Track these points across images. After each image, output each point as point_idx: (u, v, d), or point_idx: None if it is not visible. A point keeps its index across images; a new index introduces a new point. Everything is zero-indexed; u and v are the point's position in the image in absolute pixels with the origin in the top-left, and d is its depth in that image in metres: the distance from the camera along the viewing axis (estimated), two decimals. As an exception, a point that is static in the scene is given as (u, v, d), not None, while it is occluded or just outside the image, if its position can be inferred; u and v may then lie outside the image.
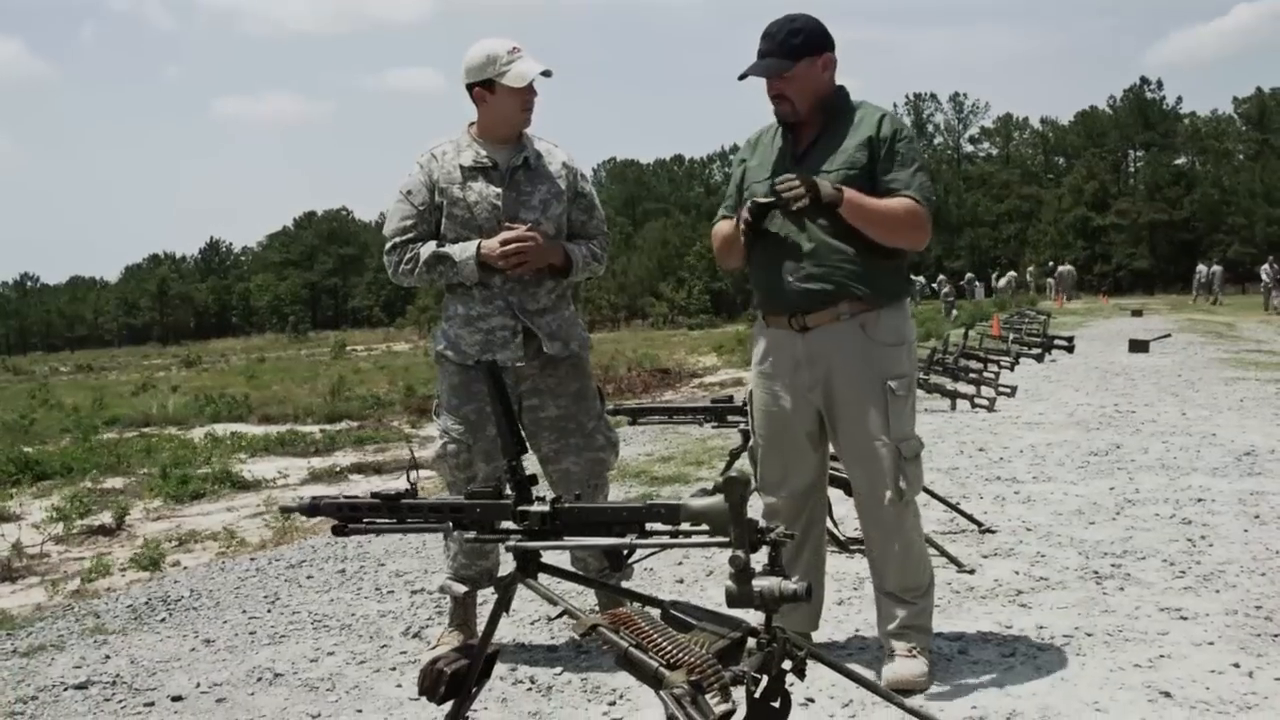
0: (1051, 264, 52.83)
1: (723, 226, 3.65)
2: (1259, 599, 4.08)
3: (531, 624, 4.13)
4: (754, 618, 2.50)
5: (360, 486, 8.12)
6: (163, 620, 4.48)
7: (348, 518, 2.94)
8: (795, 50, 3.35)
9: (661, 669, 2.42)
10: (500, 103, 3.73)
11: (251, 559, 5.57)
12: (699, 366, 19.45)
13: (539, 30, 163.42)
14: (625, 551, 2.77)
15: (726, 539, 2.50)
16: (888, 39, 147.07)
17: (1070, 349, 15.97)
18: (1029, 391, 11.63)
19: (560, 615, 2.88)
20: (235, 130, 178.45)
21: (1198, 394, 10.85)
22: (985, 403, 10.34)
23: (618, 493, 6.80)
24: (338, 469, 9.05)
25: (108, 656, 4.01)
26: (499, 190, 3.74)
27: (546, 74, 3.73)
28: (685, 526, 2.62)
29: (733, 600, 2.46)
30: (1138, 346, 16.60)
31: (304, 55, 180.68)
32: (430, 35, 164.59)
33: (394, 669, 3.73)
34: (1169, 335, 19.64)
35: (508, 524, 2.79)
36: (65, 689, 3.66)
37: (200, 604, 4.71)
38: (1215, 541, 4.95)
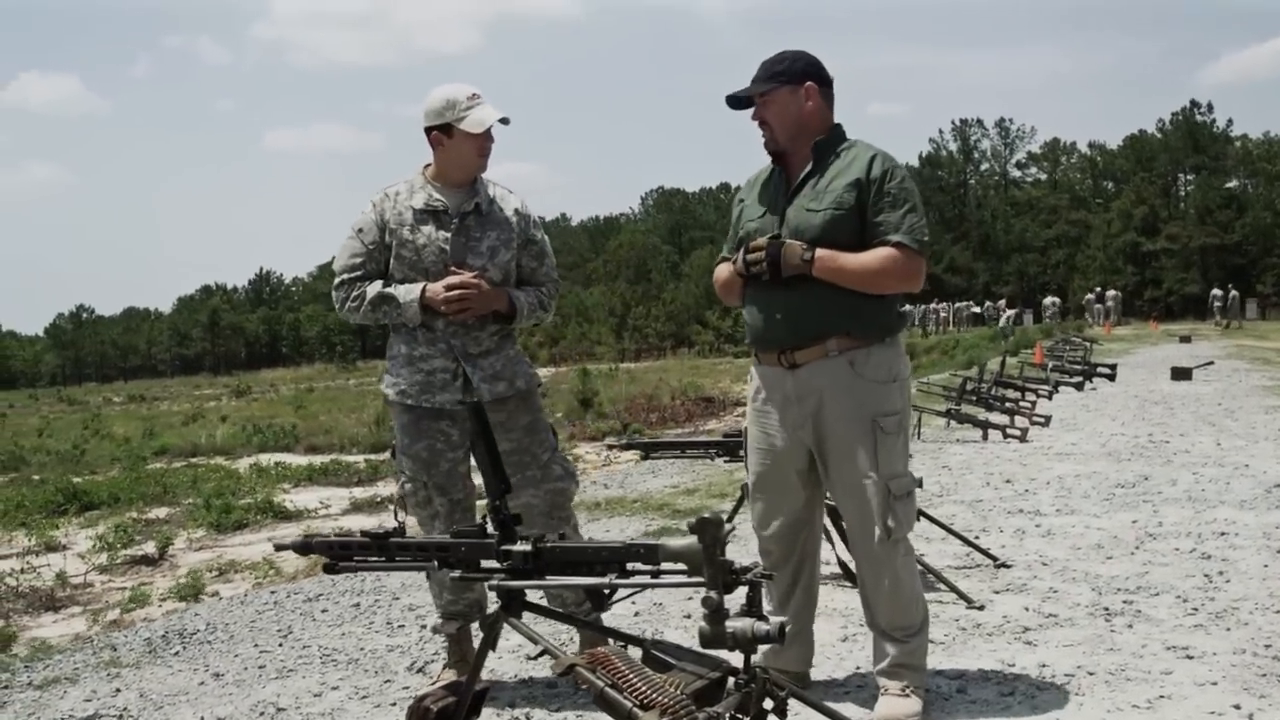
0: (1100, 290, 52.29)
1: (722, 271, 3.70)
2: (1269, 638, 4.02)
3: (532, 659, 4.14)
4: (738, 657, 2.52)
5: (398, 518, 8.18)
6: (176, 654, 4.56)
7: (338, 556, 2.99)
8: (775, 76, 3.42)
9: (635, 709, 2.45)
10: (457, 147, 3.79)
11: (271, 592, 5.65)
12: (743, 395, 19.38)
13: (583, 59, 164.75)
14: (607, 591, 2.79)
15: (702, 580, 2.53)
16: (934, 62, 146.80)
17: (1112, 377, 15.84)
18: (1064, 421, 11.53)
19: (540, 654, 2.90)
20: (286, 162, 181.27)
21: (1236, 423, 10.70)
22: (1017, 433, 10.25)
23: (640, 526, 6.83)
24: (378, 499, 9.13)
25: (118, 690, 4.09)
26: (447, 235, 3.80)
27: (504, 121, 3.78)
28: (665, 566, 2.65)
29: (706, 641, 2.48)
30: (1180, 374, 16.38)
31: (353, 87, 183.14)
32: (478, 66, 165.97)
33: (394, 704, 3.77)
34: (1212, 363, 19.38)
35: (491, 563, 2.84)
36: (73, 722, 3.74)
37: (215, 637, 4.78)
38: (1233, 577, 4.89)
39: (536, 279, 4.00)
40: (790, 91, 3.43)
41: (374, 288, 3.80)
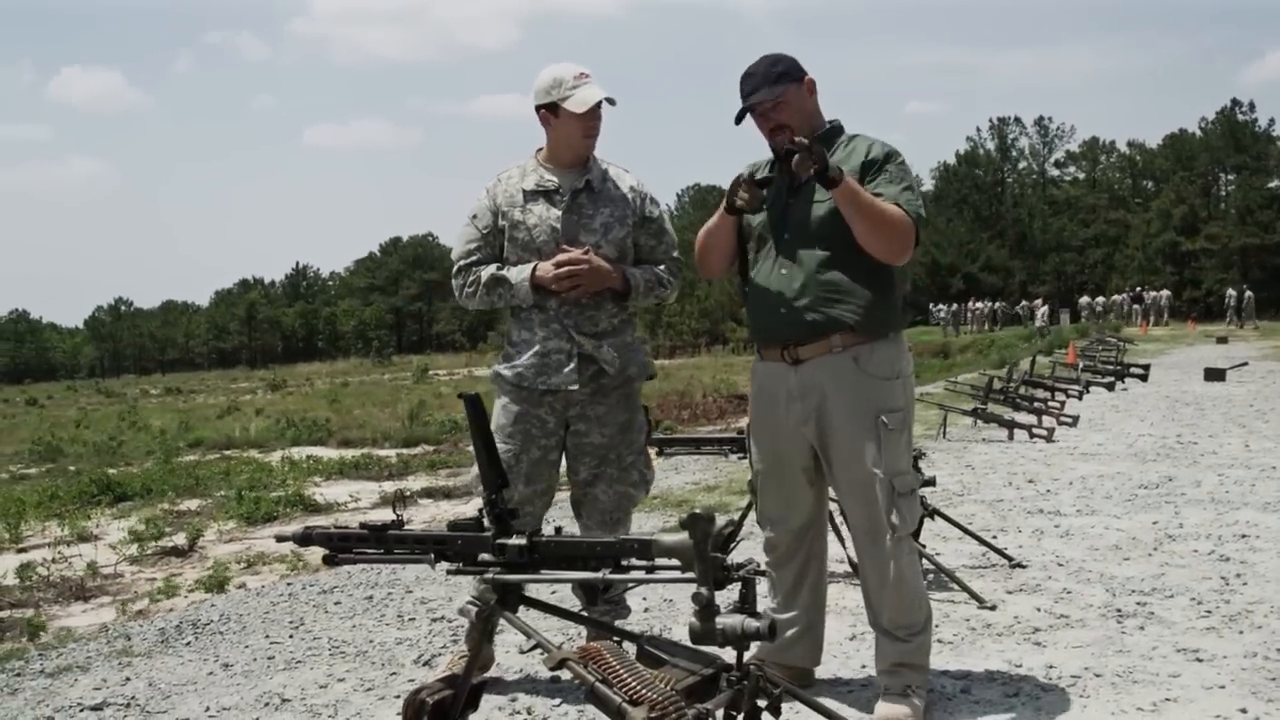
0: (1139, 289, 51.86)
1: (706, 227, 3.59)
2: (1282, 641, 3.98)
3: (526, 653, 4.15)
4: (734, 654, 2.52)
5: (428, 511, 8.24)
6: (188, 644, 4.60)
7: (338, 548, 3.01)
8: (780, 78, 3.41)
9: (624, 705, 2.45)
10: (563, 126, 3.77)
11: (288, 584, 5.69)
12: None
13: (622, 56, 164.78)
14: (601, 585, 2.79)
15: (694, 575, 2.52)
16: (971, 61, 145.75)
17: (1144, 377, 15.69)
18: (1092, 421, 11.44)
19: (533, 648, 2.91)
20: (325, 157, 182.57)
21: (1267, 424, 10.58)
22: (1044, 433, 10.18)
23: (659, 522, 6.84)
24: (408, 493, 9.17)
25: (128, 679, 4.13)
26: (558, 213, 3.78)
27: (610, 101, 3.75)
28: (660, 561, 2.65)
29: (695, 637, 2.48)
30: (1213, 375, 16.22)
31: (392, 83, 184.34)
32: (517, 61, 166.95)
33: (398, 696, 3.78)
34: (1246, 364, 19.16)
35: (488, 556, 2.85)
36: (81, 710, 3.79)
37: (228, 628, 4.82)
38: (1250, 580, 4.83)
39: (656, 257, 3.95)
40: (797, 89, 3.43)
41: (488, 271, 3.80)
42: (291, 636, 4.63)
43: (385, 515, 7.80)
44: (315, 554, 6.45)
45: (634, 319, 3.95)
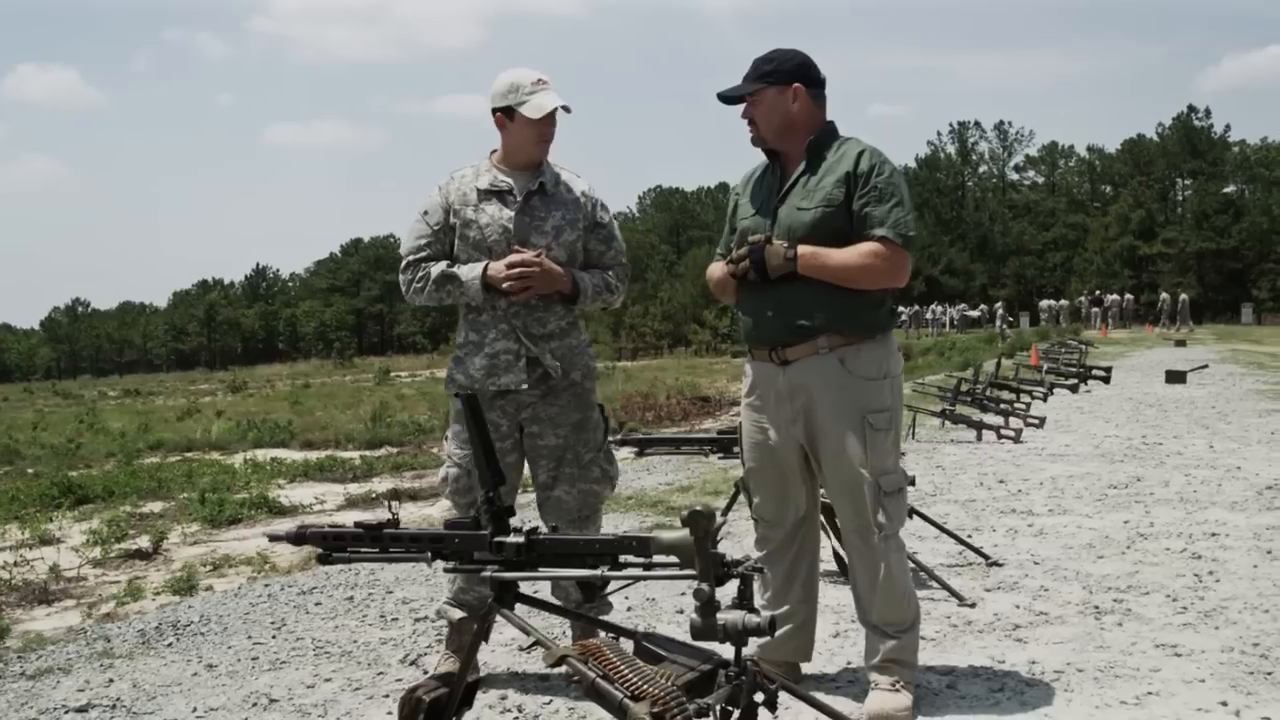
0: (1098, 292, 52.49)
1: (715, 269, 3.72)
2: (1258, 636, 4.05)
3: (524, 652, 4.17)
4: (729, 650, 2.53)
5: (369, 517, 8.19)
6: (170, 645, 4.57)
7: (332, 547, 3.00)
8: (764, 76, 3.46)
9: (626, 700, 2.46)
10: (518, 131, 3.80)
11: (265, 585, 5.66)
12: (739, 394, 19.36)
13: (585, 57, 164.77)
14: (600, 583, 2.80)
15: (694, 572, 2.54)
16: (936, 64, 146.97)
17: (1106, 380, 15.86)
18: (1058, 423, 11.56)
19: (532, 646, 2.92)
20: (285, 158, 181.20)
21: (1229, 426, 10.74)
22: (1011, 434, 10.29)
23: (634, 523, 6.85)
24: (374, 495, 9.13)
25: (111, 680, 4.10)
26: (511, 214, 3.80)
27: (565, 109, 3.78)
28: (658, 559, 2.67)
29: (696, 633, 2.49)
30: (1174, 377, 16.43)
31: (354, 82, 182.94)
32: (480, 62, 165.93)
33: (387, 696, 3.78)
34: (1206, 366, 19.41)
35: (485, 554, 2.85)
36: (66, 712, 3.75)
37: (208, 629, 4.79)
38: (1223, 577, 4.92)
39: (604, 262, 3.97)
40: (778, 92, 3.46)
41: (438, 267, 3.81)
42: (274, 637, 4.61)
43: (352, 517, 7.79)
44: (283, 556, 6.48)
45: (580, 322, 3.99)
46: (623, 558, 2.72)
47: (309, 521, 7.62)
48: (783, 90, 3.46)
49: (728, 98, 3.53)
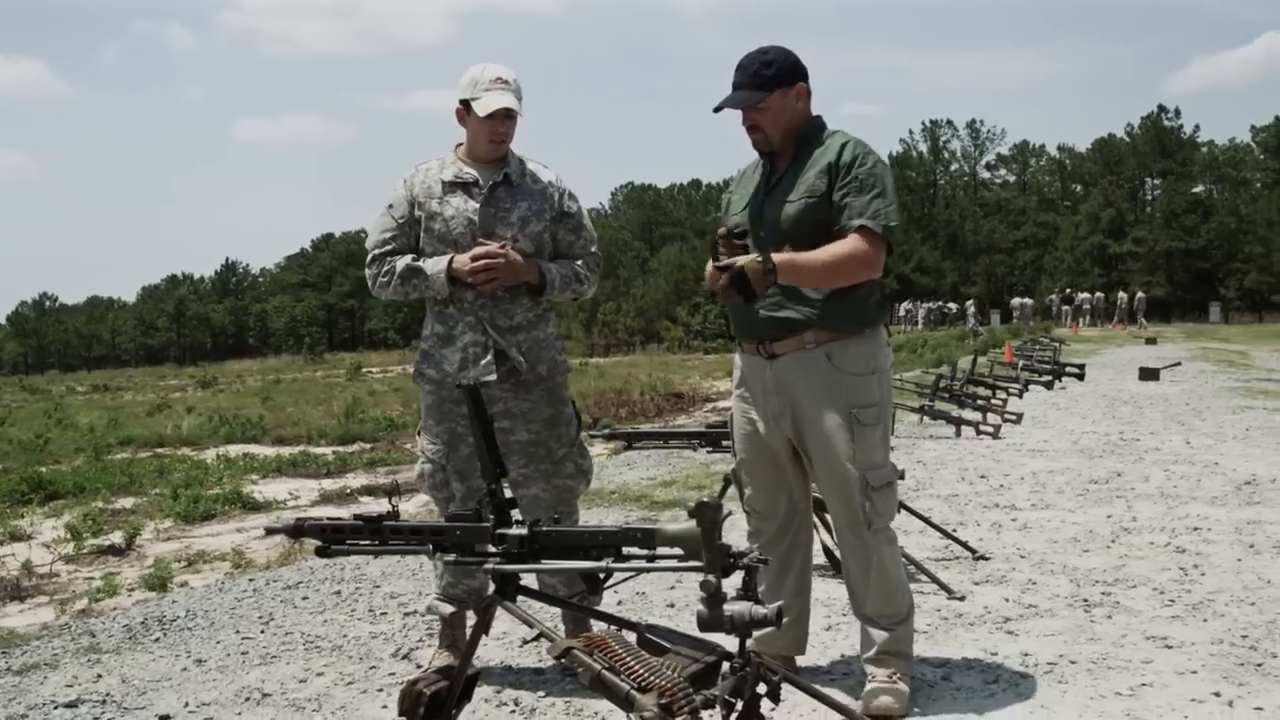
0: (1069, 290, 52.91)
1: (710, 267, 3.68)
2: (1245, 629, 4.08)
3: (519, 646, 4.15)
4: (732, 642, 2.53)
5: (369, 510, 8.15)
6: (157, 640, 4.52)
7: (331, 539, 2.98)
8: (768, 82, 3.41)
9: (633, 692, 2.45)
10: (473, 125, 3.80)
11: (250, 580, 5.61)
12: (713, 391, 19.46)
13: (559, 53, 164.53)
14: (602, 575, 2.79)
15: (700, 564, 2.53)
16: (910, 64, 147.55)
17: (1081, 376, 15.99)
18: (1035, 419, 11.63)
19: (536, 637, 2.91)
20: (256, 152, 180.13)
21: (1204, 422, 10.84)
22: (990, 430, 10.34)
23: (618, 517, 6.84)
24: (348, 491, 9.08)
25: (100, 675, 4.05)
26: (476, 205, 3.78)
27: (510, 114, 3.75)
28: (661, 551, 2.66)
29: (703, 624, 2.49)
30: (1148, 374, 16.57)
31: (325, 76, 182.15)
32: (453, 57, 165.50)
33: (381, 690, 3.76)
34: (1179, 364, 19.59)
35: (487, 547, 2.84)
36: (55, 707, 3.70)
37: (195, 624, 4.75)
38: (1208, 570, 4.95)
39: (574, 252, 3.94)
40: (782, 95, 3.44)
41: (403, 261, 3.78)
42: (263, 631, 4.57)
43: (326, 513, 7.73)
44: (259, 553, 6.43)
45: (549, 314, 3.96)
46: (626, 550, 2.72)
47: (304, 516, 7.57)
48: (787, 92, 3.44)
49: (735, 108, 3.46)
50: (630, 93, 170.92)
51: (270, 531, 3.07)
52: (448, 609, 3.86)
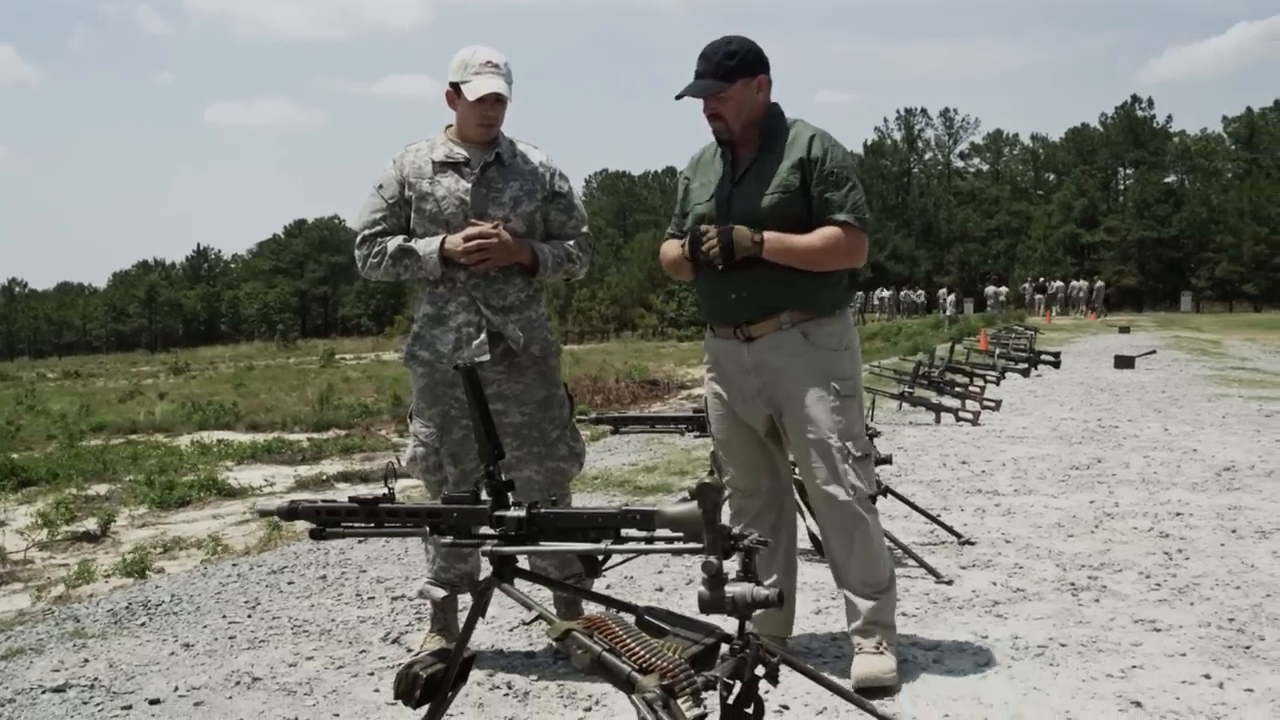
0: (1042, 279, 53.23)
1: (669, 248, 3.73)
2: (1232, 612, 4.12)
3: (510, 630, 4.14)
4: (728, 624, 2.52)
5: (345, 495, 8.11)
6: (143, 625, 4.48)
7: (326, 522, 2.96)
8: (730, 72, 3.43)
9: (634, 673, 2.44)
10: (462, 109, 3.78)
11: (234, 565, 5.57)
12: (688, 378, 19.47)
13: (532, 41, 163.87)
14: (601, 557, 2.78)
15: (700, 545, 2.53)
16: (884, 53, 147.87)
17: (1056, 364, 16.06)
18: (1013, 405, 11.69)
19: (534, 619, 2.90)
20: (227, 137, 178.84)
21: (1181, 410, 10.92)
22: (969, 416, 10.38)
23: (601, 501, 6.83)
24: (324, 477, 9.04)
25: (86, 660, 4.01)
26: (468, 185, 3.75)
27: (499, 98, 3.73)
28: (660, 532, 2.65)
29: (705, 606, 2.49)
30: (1123, 363, 16.68)
31: (298, 61, 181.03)
32: (427, 42, 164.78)
33: (372, 674, 3.74)
34: (1154, 352, 19.72)
35: (485, 529, 2.82)
36: (43, 692, 3.66)
37: (181, 609, 4.71)
38: (1192, 555, 4.99)
39: (565, 232, 3.93)
40: (744, 85, 3.46)
41: (395, 242, 3.75)
42: (250, 616, 4.54)
43: (301, 498, 7.67)
44: (236, 539, 6.39)
45: (541, 295, 3.94)
46: (625, 532, 2.71)
47: (296, 499, 7.52)
48: (749, 83, 3.46)
49: (697, 96, 3.48)
50: (605, 80, 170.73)
51: (264, 514, 3.04)
52: (440, 593, 3.84)
